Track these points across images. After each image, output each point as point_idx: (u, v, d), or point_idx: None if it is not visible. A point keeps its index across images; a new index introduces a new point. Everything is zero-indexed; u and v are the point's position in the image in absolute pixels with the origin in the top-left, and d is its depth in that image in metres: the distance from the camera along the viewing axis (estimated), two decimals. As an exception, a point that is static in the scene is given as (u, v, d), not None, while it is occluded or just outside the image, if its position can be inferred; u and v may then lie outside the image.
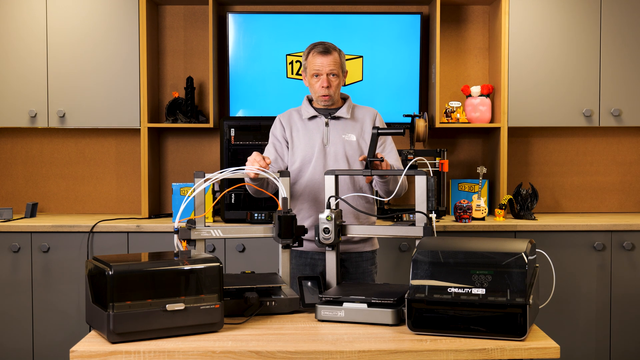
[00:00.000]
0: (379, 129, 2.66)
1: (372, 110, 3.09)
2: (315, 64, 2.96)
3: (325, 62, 2.94)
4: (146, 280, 2.06)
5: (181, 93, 4.34)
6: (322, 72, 2.95)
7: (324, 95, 2.97)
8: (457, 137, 4.45)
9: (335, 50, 2.98)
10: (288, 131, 3.04)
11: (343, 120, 3.02)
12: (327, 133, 3.00)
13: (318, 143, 2.99)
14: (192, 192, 2.45)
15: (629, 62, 4.11)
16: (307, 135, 3.01)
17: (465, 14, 4.42)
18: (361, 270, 3.05)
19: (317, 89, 2.97)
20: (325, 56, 2.95)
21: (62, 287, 3.87)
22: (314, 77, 2.97)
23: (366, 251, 3.06)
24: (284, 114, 3.11)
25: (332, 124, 3.01)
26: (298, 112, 3.08)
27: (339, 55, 2.99)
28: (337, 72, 2.96)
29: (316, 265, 3.01)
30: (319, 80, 2.96)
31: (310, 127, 3.02)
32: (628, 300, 3.90)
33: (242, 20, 4.25)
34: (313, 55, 2.97)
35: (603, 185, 4.48)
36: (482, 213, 4.00)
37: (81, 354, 1.98)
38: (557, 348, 2.03)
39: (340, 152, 2.97)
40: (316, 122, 3.03)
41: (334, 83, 2.97)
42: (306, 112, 3.04)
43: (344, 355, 2.00)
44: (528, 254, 2.09)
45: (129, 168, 4.43)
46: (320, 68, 2.94)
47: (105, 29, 4.09)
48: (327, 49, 2.96)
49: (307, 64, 3.00)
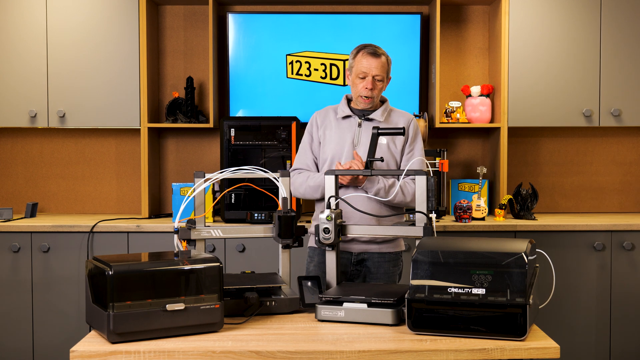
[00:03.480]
0: (380, 128, 2.66)
1: (408, 115, 3.08)
2: (362, 64, 2.96)
3: (374, 64, 2.95)
4: (146, 280, 2.06)
5: (181, 93, 4.34)
6: (368, 74, 2.95)
7: (366, 96, 2.97)
8: (457, 137, 4.45)
9: (384, 54, 3.00)
10: (322, 129, 3.04)
11: (376, 123, 3.00)
12: (359, 134, 2.99)
13: (348, 143, 2.98)
14: (192, 192, 2.45)
15: (629, 62, 4.11)
16: (338, 134, 3.01)
17: (465, 14, 4.42)
18: (383, 271, 3.02)
19: (360, 89, 2.97)
20: (374, 58, 2.96)
21: (62, 287, 3.87)
22: (358, 77, 2.97)
23: (389, 252, 3.03)
24: (321, 111, 3.11)
25: (365, 125, 3.00)
26: (334, 110, 3.08)
27: (387, 60, 3.00)
28: (382, 76, 2.97)
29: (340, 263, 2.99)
30: (364, 81, 2.96)
31: (343, 126, 3.02)
32: (628, 300, 3.90)
33: (242, 20, 4.25)
34: (362, 55, 2.98)
35: (603, 185, 4.48)
36: (482, 213, 4.00)
37: (81, 354, 1.98)
38: (557, 348, 2.03)
39: None
40: (349, 121, 3.02)
41: (377, 86, 2.97)
42: (342, 110, 3.04)
43: (344, 355, 2.00)
44: (528, 254, 2.09)
45: (129, 168, 4.43)
46: (368, 70, 2.95)
47: (105, 29, 4.09)
48: (376, 52, 2.97)
49: (354, 63, 2.99)
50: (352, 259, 3.00)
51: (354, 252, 3.00)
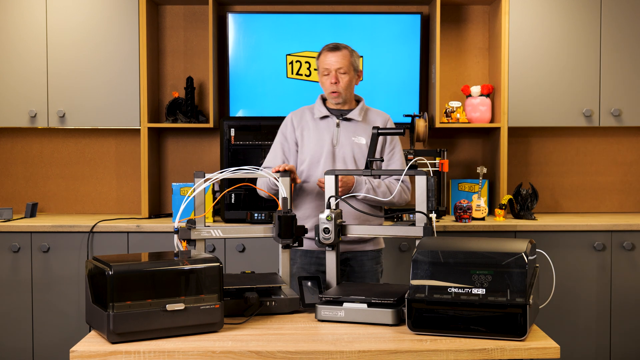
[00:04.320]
0: (379, 129, 2.66)
1: (385, 115, 3.11)
2: (325, 61, 3.00)
3: (334, 58, 2.98)
4: (146, 280, 2.06)
5: (181, 93, 4.34)
6: (331, 69, 2.98)
7: (332, 91, 2.98)
8: (457, 137, 4.45)
9: (346, 48, 3.02)
10: (299, 130, 3.05)
11: (354, 122, 3.03)
12: (338, 134, 3.00)
13: (327, 143, 2.99)
14: (192, 192, 2.45)
15: (629, 62, 4.11)
16: (317, 135, 3.02)
17: (465, 14, 4.42)
18: (366, 269, 3.05)
19: (327, 85, 3.01)
20: (334, 52, 2.99)
21: (62, 287, 3.87)
22: (323, 75, 3.00)
23: (370, 250, 3.07)
24: (297, 111, 3.12)
25: (343, 125, 3.02)
26: (310, 111, 3.09)
27: (349, 53, 3.01)
28: (346, 69, 2.98)
29: (322, 264, 3.01)
30: (329, 77, 2.99)
31: (320, 127, 3.03)
32: (628, 300, 3.89)
33: (242, 20, 4.25)
34: (324, 53, 3.02)
35: (603, 185, 4.48)
36: (482, 213, 4.00)
37: (81, 354, 1.98)
38: (557, 348, 2.03)
39: (349, 154, 2.98)
40: (327, 122, 3.04)
41: (343, 80, 2.99)
42: (318, 111, 3.05)
43: (344, 355, 2.00)
44: (528, 254, 2.09)
45: (129, 168, 4.43)
46: (329, 65, 2.98)
47: (105, 29, 4.09)
48: (337, 47, 3.01)
49: (319, 63, 3.04)
50: None
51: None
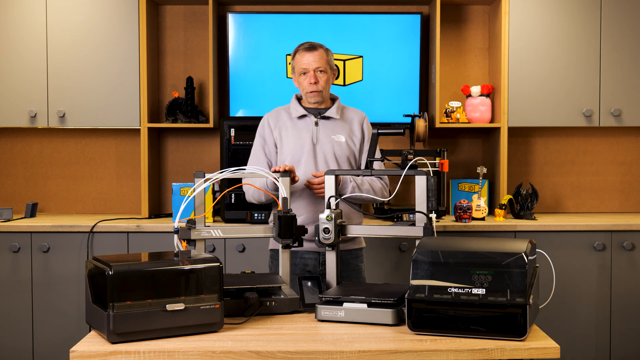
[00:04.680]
0: (380, 129, 2.67)
1: (361, 113, 3.12)
2: (302, 61, 2.99)
3: (312, 58, 2.98)
4: (146, 280, 2.06)
5: (181, 93, 4.34)
6: (309, 69, 2.98)
7: (312, 91, 2.98)
8: (457, 137, 4.45)
9: (322, 47, 3.02)
10: (277, 131, 3.04)
11: (333, 121, 3.04)
12: (317, 133, 3.01)
13: (307, 143, 2.99)
14: (192, 192, 2.45)
15: (629, 62, 4.11)
16: (296, 135, 3.01)
17: (465, 14, 4.42)
18: (352, 268, 3.06)
19: (305, 85, 3.00)
20: (311, 52, 2.98)
21: (62, 287, 3.87)
22: (302, 74, 2.99)
23: (354, 249, 3.09)
24: (272, 113, 3.11)
25: (322, 124, 3.02)
26: (287, 111, 3.08)
27: (325, 52, 3.01)
28: (324, 68, 2.98)
29: (307, 265, 3.02)
30: (307, 77, 2.98)
31: (299, 127, 3.03)
32: (628, 300, 3.89)
33: (242, 20, 4.25)
34: (300, 53, 3.01)
35: (603, 185, 4.48)
36: (482, 213, 4.00)
37: (81, 354, 1.98)
38: (557, 348, 2.03)
39: (330, 152, 2.98)
40: (305, 121, 3.03)
41: (322, 79, 2.98)
42: (295, 111, 3.04)
43: (344, 355, 2.00)
44: (528, 254, 2.09)
45: (129, 168, 4.43)
46: (307, 65, 2.97)
47: (105, 28, 4.09)
48: (313, 46, 3.00)
49: (294, 64, 3.03)
50: (320, 259, 3.03)
51: (321, 252, 3.02)
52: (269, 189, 2.87)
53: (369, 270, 3.82)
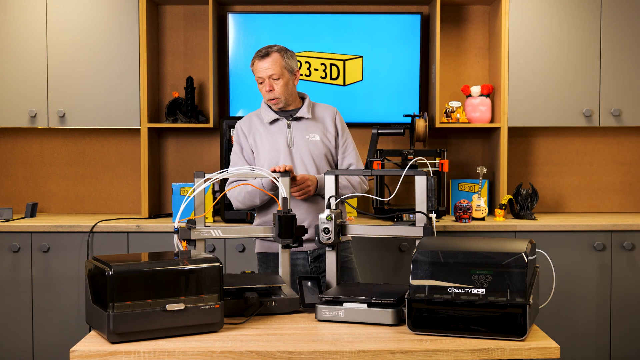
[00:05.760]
0: (379, 129, 2.67)
1: (332, 109, 3.10)
2: (257, 70, 2.96)
3: (264, 66, 2.94)
4: (146, 280, 2.06)
5: (181, 93, 4.34)
6: (264, 77, 2.95)
7: (270, 99, 2.98)
8: (457, 137, 4.45)
9: (277, 51, 2.95)
10: (251, 138, 3.03)
11: (305, 121, 3.03)
12: (291, 135, 3.00)
13: (283, 146, 2.99)
14: (192, 192, 2.45)
15: (629, 62, 4.11)
16: (270, 139, 3.00)
17: (465, 14, 4.42)
18: (341, 261, 3.04)
19: (263, 93, 2.98)
20: (263, 60, 2.94)
21: (62, 287, 3.87)
22: (259, 83, 2.98)
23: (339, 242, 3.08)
24: (244, 119, 3.09)
25: (295, 125, 3.01)
26: (258, 117, 3.07)
27: (280, 55, 2.95)
28: (278, 74, 2.94)
29: (296, 265, 3.02)
30: (263, 85, 2.96)
31: (272, 131, 3.02)
32: (628, 300, 3.89)
33: (242, 20, 4.25)
34: (255, 61, 2.98)
35: (603, 185, 4.48)
36: (482, 213, 4.00)
37: (81, 354, 1.98)
38: (557, 348, 2.03)
39: (306, 152, 2.98)
40: (278, 125, 3.02)
41: (277, 85, 2.95)
42: (267, 116, 3.03)
43: (344, 355, 2.00)
44: (528, 254, 2.09)
45: (129, 168, 4.43)
46: (261, 73, 2.95)
47: (105, 28, 4.09)
48: (267, 53, 2.94)
49: (253, 71, 3.00)
50: (309, 257, 3.03)
51: (309, 251, 3.02)
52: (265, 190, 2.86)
53: (368, 271, 3.83)
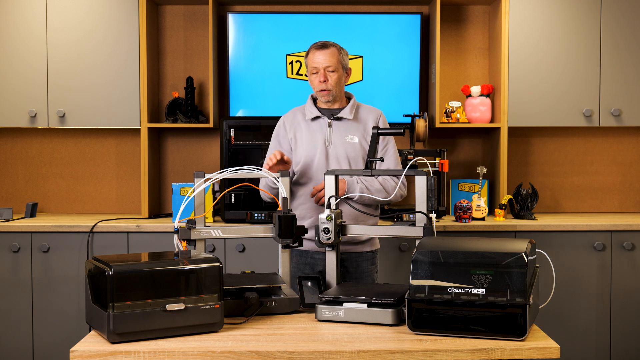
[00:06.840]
0: (379, 129, 2.66)
1: (376, 111, 3.09)
2: (313, 60, 2.98)
3: (322, 56, 2.96)
4: (146, 280, 2.06)
5: (181, 93, 4.34)
6: (319, 67, 2.96)
7: (322, 90, 2.98)
8: (457, 137, 4.45)
9: (334, 46, 2.99)
10: (292, 133, 3.04)
11: (346, 122, 3.02)
12: (330, 134, 3.00)
13: (320, 144, 2.99)
14: (192, 192, 2.45)
15: (629, 62, 4.11)
16: (309, 136, 3.01)
17: (465, 14, 4.42)
18: (361, 270, 3.05)
19: (315, 84, 2.99)
20: (322, 51, 2.97)
21: (62, 287, 3.87)
22: (312, 74, 2.99)
23: (366, 251, 3.06)
24: (288, 114, 3.11)
25: (335, 125, 3.01)
26: (302, 112, 3.08)
27: (337, 50, 2.99)
28: (334, 67, 2.96)
29: (316, 265, 3.01)
30: (317, 75, 2.97)
31: (313, 128, 3.02)
32: (628, 300, 3.89)
33: (242, 20, 4.25)
34: (311, 52, 3.00)
35: (603, 185, 4.48)
36: (482, 213, 4.00)
37: (81, 354, 1.98)
38: (557, 348, 2.03)
39: (342, 153, 2.97)
40: (319, 122, 3.03)
41: (331, 78, 2.97)
42: (310, 112, 3.04)
43: (344, 355, 1.99)
44: (528, 254, 2.09)
45: (129, 168, 4.43)
46: (317, 64, 2.96)
47: (105, 29, 4.09)
48: (325, 44, 2.98)
49: (307, 62, 3.02)
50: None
51: None
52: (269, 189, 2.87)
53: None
